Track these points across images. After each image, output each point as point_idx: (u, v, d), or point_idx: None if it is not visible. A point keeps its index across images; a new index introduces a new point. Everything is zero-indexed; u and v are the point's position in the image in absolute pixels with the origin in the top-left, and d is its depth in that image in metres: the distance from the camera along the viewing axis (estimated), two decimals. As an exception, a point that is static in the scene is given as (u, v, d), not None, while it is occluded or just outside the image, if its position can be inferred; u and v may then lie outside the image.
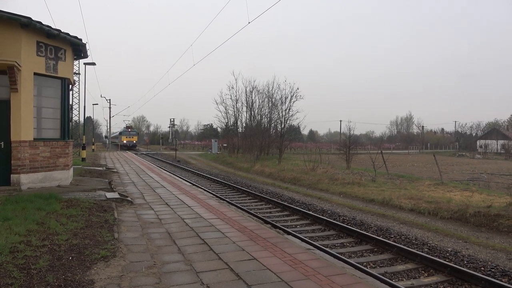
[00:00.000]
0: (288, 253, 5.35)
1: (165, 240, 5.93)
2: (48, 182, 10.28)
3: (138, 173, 17.26)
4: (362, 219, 10.73)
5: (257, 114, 38.30)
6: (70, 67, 11.61)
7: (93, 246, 5.28)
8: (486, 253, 7.81)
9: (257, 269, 4.66)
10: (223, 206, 9.21)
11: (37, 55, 9.95)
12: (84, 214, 7.11)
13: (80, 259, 4.75)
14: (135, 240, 5.81)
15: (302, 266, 4.81)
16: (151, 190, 11.56)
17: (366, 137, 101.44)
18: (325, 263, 5.05)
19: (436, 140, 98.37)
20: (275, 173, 22.57)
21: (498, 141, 73.64)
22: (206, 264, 4.82)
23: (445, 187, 16.41)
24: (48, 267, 4.39)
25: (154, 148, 73.66)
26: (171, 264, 4.80)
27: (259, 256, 5.17)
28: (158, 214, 7.94)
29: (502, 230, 9.51)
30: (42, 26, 9.56)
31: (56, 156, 10.63)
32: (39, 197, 8.05)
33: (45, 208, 7.16)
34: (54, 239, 5.44)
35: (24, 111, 9.60)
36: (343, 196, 15.27)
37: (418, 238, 8.74)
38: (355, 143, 31.90)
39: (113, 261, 4.75)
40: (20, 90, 9.47)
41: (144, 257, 5.03)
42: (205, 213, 8.13)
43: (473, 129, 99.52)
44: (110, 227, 6.38)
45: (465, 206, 11.20)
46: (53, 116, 10.91)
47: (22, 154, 9.59)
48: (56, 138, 10.83)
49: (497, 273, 6.55)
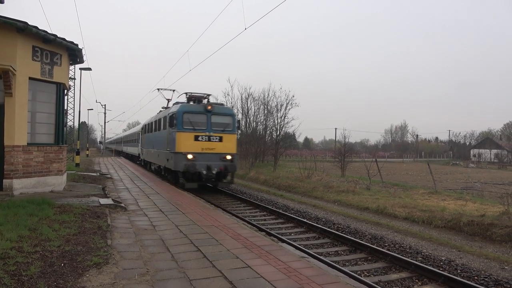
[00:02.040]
0: (282, 261, 5.33)
1: (158, 247, 5.89)
2: (41, 187, 10.19)
3: (132, 179, 17.15)
4: (357, 227, 10.73)
5: (252, 121, 38.29)
6: (66, 72, 11.58)
7: (86, 252, 5.23)
8: (479, 262, 7.83)
9: (251, 277, 4.63)
10: (217, 213, 9.17)
11: (32, 60, 9.93)
12: (77, 220, 7.05)
13: (72, 265, 4.70)
14: (128, 247, 5.76)
15: (296, 274, 4.79)
16: (145, 197, 11.48)
17: (361, 145, 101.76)
18: (319, 271, 5.04)
19: (430, 149, 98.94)
20: (270, 180, 22.54)
21: (491, 151, 74.24)
22: (199, 271, 4.79)
23: (439, 196, 16.48)
24: (40, 274, 4.34)
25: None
26: (164, 271, 4.76)
27: (253, 264, 5.14)
28: (151, 220, 7.88)
29: (495, 239, 9.55)
30: (38, 30, 9.55)
31: (50, 161, 10.55)
32: (31, 202, 7.97)
33: (37, 214, 7.09)
34: (46, 245, 5.38)
35: (18, 116, 9.55)
36: (337, 204, 15.27)
37: (412, 246, 8.75)
38: (350, 151, 31.97)
39: (105, 268, 4.71)
40: (15, 94, 9.43)
41: (137, 264, 4.99)
42: (200, 220, 8.09)
43: (467, 138, 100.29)
44: (103, 234, 6.33)
45: (458, 215, 11.24)
46: (47, 121, 10.85)
47: (15, 159, 9.51)
48: (50, 143, 10.77)
49: (490, 283, 6.57)
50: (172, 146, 14.96)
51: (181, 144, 14.47)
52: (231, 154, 15.23)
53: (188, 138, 14.50)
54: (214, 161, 14.73)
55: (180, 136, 14.50)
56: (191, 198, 11.61)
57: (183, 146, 14.44)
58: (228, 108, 16.89)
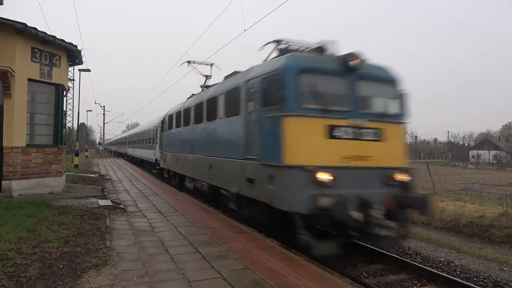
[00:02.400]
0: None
1: (157, 248, 5.88)
2: (40, 188, 10.17)
3: (131, 180, 17.14)
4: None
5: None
6: (65, 73, 11.58)
7: (85, 254, 5.22)
8: (478, 263, 7.83)
9: (250, 278, 4.63)
10: (216, 215, 9.17)
11: (31, 61, 9.92)
12: (76, 222, 7.04)
13: (71, 267, 4.69)
14: (127, 248, 5.75)
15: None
16: (144, 198, 11.47)
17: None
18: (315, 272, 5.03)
19: (429, 150, 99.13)
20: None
21: (490, 152, 74.42)
22: (198, 273, 4.78)
23: (438, 197, 16.49)
24: (38, 275, 4.33)
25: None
26: (163, 273, 4.75)
27: (254, 268, 5.14)
28: (151, 222, 7.87)
29: (494, 240, 9.56)
30: (37, 32, 9.55)
31: (49, 162, 10.54)
32: (30, 204, 7.96)
33: (36, 215, 7.08)
34: (45, 246, 5.37)
35: (17, 117, 9.54)
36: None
37: (411, 248, 8.74)
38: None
39: (104, 270, 4.70)
40: (14, 95, 9.42)
41: (136, 265, 4.98)
42: (198, 222, 8.09)
43: (466, 139, 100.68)
44: (102, 235, 6.32)
45: (458, 216, 11.24)
46: (46, 122, 10.84)
47: (14, 160, 9.50)
48: (49, 145, 10.75)
49: (489, 284, 6.57)
50: (271, 151, 6.83)
51: (298, 146, 6.46)
52: (404, 169, 7.14)
53: (313, 131, 6.49)
54: (371, 186, 6.77)
55: (296, 127, 6.48)
56: (191, 199, 11.60)
57: (302, 150, 6.45)
58: (387, 70, 7.53)
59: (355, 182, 6.51)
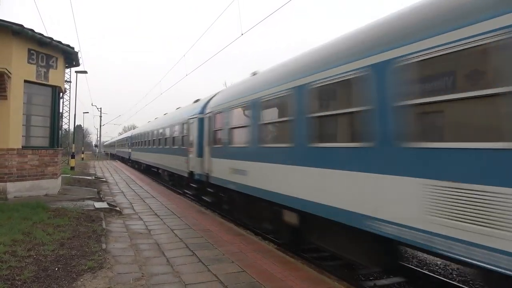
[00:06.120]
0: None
1: (153, 251, 5.86)
2: (35, 191, 10.12)
3: (127, 183, 17.08)
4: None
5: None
6: (62, 75, 11.55)
7: (80, 257, 5.19)
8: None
9: (246, 282, 4.62)
10: (212, 217, 9.16)
11: (28, 63, 9.89)
12: (71, 224, 7.00)
13: (66, 270, 4.66)
14: (123, 251, 5.73)
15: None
16: (140, 200, 11.44)
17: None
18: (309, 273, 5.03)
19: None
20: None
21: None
22: (195, 276, 4.76)
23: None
24: (34, 278, 4.30)
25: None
26: (159, 276, 4.73)
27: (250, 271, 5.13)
28: (147, 224, 7.85)
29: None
30: (34, 33, 9.53)
31: (45, 164, 10.49)
32: (25, 206, 7.92)
33: (31, 218, 7.03)
34: (40, 249, 5.34)
35: (13, 119, 9.50)
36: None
37: (408, 250, 8.76)
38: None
39: (100, 273, 4.67)
40: (10, 97, 9.38)
41: (132, 268, 4.96)
42: (195, 224, 8.07)
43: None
44: (98, 238, 6.29)
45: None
46: (42, 124, 10.80)
47: (10, 162, 9.45)
48: (45, 147, 10.71)
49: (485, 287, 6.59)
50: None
51: None
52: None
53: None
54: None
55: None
56: (187, 202, 11.57)
57: None
58: None
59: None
